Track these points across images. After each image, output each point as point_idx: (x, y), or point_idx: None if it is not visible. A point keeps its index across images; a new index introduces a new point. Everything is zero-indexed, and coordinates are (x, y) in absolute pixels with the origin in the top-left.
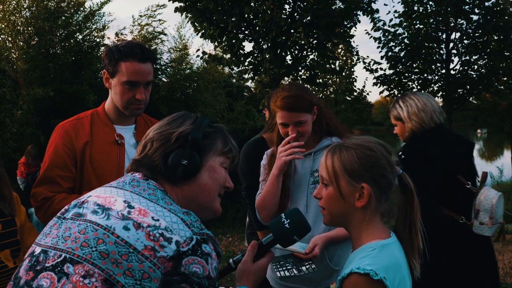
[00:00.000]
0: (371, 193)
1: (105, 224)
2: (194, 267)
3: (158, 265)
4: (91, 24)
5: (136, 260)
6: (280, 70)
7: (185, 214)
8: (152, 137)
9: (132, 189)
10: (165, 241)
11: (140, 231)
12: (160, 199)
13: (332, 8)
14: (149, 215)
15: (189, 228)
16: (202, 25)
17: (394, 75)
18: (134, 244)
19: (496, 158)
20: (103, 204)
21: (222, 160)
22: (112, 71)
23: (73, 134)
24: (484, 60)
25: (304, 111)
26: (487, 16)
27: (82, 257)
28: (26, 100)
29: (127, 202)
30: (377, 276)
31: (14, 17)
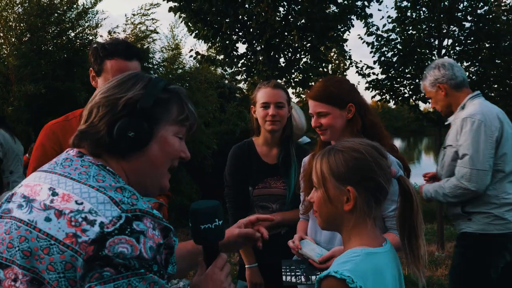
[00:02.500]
0: (357, 196)
1: (27, 219)
2: (120, 247)
3: (80, 252)
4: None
5: (58, 252)
6: (273, 72)
7: (118, 191)
8: (99, 101)
9: (62, 169)
10: (87, 225)
11: (62, 219)
12: (92, 176)
13: (326, 12)
14: (72, 199)
15: (118, 206)
16: (196, 26)
17: (386, 80)
18: (55, 235)
19: None
20: (29, 196)
21: (177, 129)
22: (98, 69)
23: (61, 135)
24: (476, 67)
25: (327, 103)
26: (479, 23)
27: (9, 260)
28: (17, 96)
29: (52, 189)
30: (353, 284)
31: (6, 13)
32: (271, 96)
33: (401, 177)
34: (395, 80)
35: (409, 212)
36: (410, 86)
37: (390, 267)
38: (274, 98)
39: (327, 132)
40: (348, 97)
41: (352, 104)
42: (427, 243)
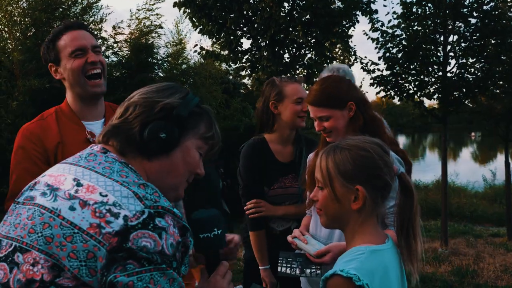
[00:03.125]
0: (366, 195)
1: (51, 207)
2: (143, 241)
3: (103, 242)
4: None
5: (81, 240)
6: (278, 68)
7: (141, 187)
8: (137, 101)
9: (87, 163)
10: (111, 217)
11: (86, 209)
12: (116, 172)
13: (331, 8)
14: (97, 191)
15: (141, 201)
16: (200, 21)
17: (391, 76)
18: (79, 224)
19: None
20: (53, 185)
21: (200, 144)
22: (55, 56)
23: (42, 135)
24: (481, 63)
25: (327, 107)
26: (485, 19)
27: (30, 245)
28: (21, 91)
29: (76, 179)
30: (359, 281)
31: (11, 7)
32: (303, 92)
33: (402, 174)
34: (400, 76)
35: (408, 209)
36: (415, 83)
37: (394, 264)
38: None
39: (332, 135)
40: (347, 96)
41: (352, 102)
42: (431, 239)
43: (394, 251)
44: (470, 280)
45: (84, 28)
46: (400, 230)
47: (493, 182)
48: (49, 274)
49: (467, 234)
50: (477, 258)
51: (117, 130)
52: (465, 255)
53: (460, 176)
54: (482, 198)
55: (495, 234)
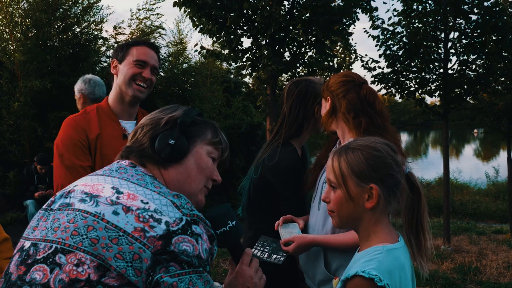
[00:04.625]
0: (380, 193)
1: (94, 211)
2: (184, 246)
3: (148, 245)
4: (89, 17)
5: (126, 243)
6: (278, 66)
7: (175, 197)
8: (143, 122)
9: (120, 175)
10: (154, 222)
11: (130, 214)
12: (149, 183)
13: (331, 5)
14: (138, 198)
15: (179, 209)
16: (200, 20)
17: (392, 74)
18: (124, 227)
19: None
20: (91, 192)
21: (210, 149)
22: (122, 56)
23: (86, 126)
24: (482, 60)
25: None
26: (486, 16)
27: (73, 246)
28: (23, 92)
29: (115, 188)
30: (381, 282)
31: (12, 8)
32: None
33: (409, 173)
34: (401, 74)
35: (417, 207)
36: (416, 80)
37: (408, 260)
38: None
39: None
40: (328, 90)
41: (328, 97)
42: (433, 236)
43: (406, 249)
44: (473, 277)
45: (157, 51)
46: (410, 227)
47: (496, 179)
48: (96, 274)
49: (469, 231)
50: (480, 255)
51: (130, 149)
52: (468, 252)
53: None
54: (485, 195)
55: (498, 231)
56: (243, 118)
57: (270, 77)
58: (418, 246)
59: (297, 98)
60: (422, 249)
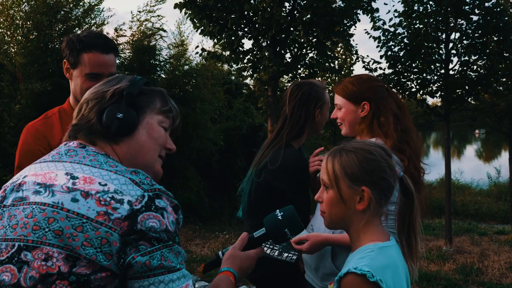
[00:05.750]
0: (371, 196)
1: (52, 202)
2: (150, 222)
3: (114, 228)
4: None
5: (92, 229)
6: (279, 68)
7: (133, 174)
8: (87, 97)
9: (71, 159)
10: (117, 203)
11: (90, 199)
12: (104, 163)
13: (332, 7)
14: (95, 181)
15: (139, 186)
16: (201, 22)
17: (393, 75)
18: (86, 214)
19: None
20: (44, 182)
21: (161, 118)
22: (74, 62)
23: (47, 133)
24: (484, 60)
25: (342, 96)
26: (487, 16)
27: (37, 241)
28: (24, 94)
29: (69, 173)
30: (373, 278)
31: (13, 11)
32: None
33: (403, 177)
34: (402, 75)
35: (409, 211)
36: (417, 81)
37: (400, 258)
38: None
39: (342, 127)
40: (365, 95)
41: (366, 103)
42: (435, 237)
43: (398, 247)
44: (475, 278)
45: (113, 50)
46: (402, 230)
47: (498, 180)
48: (65, 265)
49: (471, 232)
50: (482, 256)
51: (77, 127)
52: (470, 253)
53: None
54: (486, 196)
55: (499, 231)
56: (244, 120)
57: (271, 79)
58: (409, 249)
59: (300, 101)
60: (413, 252)
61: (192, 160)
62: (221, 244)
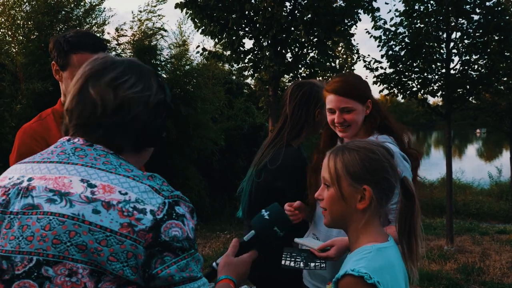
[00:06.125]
0: (372, 195)
1: (71, 213)
2: (173, 231)
3: (139, 240)
4: (91, 19)
5: (117, 242)
6: (280, 67)
7: (150, 179)
8: (130, 96)
9: (82, 160)
10: (140, 213)
11: (112, 210)
12: (117, 166)
13: (333, 6)
14: (115, 190)
15: (159, 193)
16: (202, 22)
17: (394, 74)
18: (110, 226)
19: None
20: (57, 189)
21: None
22: (63, 63)
23: (45, 134)
24: (485, 60)
25: (353, 98)
26: (488, 16)
27: (59, 256)
28: (25, 94)
29: (85, 180)
30: (371, 279)
31: (14, 11)
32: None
33: (404, 178)
34: (403, 74)
35: (410, 212)
36: (418, 80)
37: (399, 259)
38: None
39: (349, 129)
40: (367, 93)
41: (370, 101)
42: (436, 237)
43: (396, 248)
44: (476, 278)
45: (102, 50)
46: (402, 232)
47: (499, 179)
48: (91, 281)
49: (472, 231)
50: (483, 256)
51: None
52: (471, 253)
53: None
54: (488, 195)
55: (501, 231)
56: (245, 119)
57: (272, 78)
58: (409, 250)
59: (300, 101)
60: (413, 254)
61: (193, 160)
62: (222, 244)
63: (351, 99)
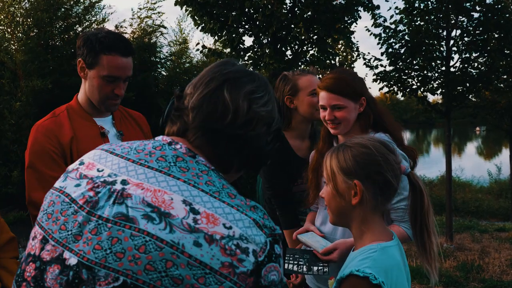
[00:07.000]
0: (363, 189)
1: (170, 240)
2: (272, 275)
3: (239, 283)
4: (91, 16)
5: (215, 282)
6: (280, 65)
7: (253, 210)
8: (261, 114)
9: (183, 175)
10: (242, 254)
11: (214, 246)
12: (221, 189)
13: (333, 4)
14: (219, 221)
15: (262, 230)
16: (202, 19)
17: (394, 72)
18: (210, 263)
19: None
20: (156, 205)
21: None
22: (91, 62)
23: (57, 131)
24: (484, 57)
25: (344, 96)
26: (488, 13)
27: (149, 284)
28: (24, 91)
29: (187, 203)
30: (376, 280)
31: (13, 8)
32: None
33: (411, 173)
34: (403, 72)
35: (419, 208)
36: (418, 78)
37: (402, 259)
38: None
39: (339, 126)
40: (361, 90)
41: (364, 98)
42: None
43: (399, 247)
44: (476, 275)
45: (132, 53)
46: (414, 229)
47: (498, 177)
48: None
49: (472, 229)
50: (483, 253)
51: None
52: (470, 250)
53: (465, 171)
54: (487, 193)
55: (500, 228)
56: None
57: (272, 76)
58: (423, 249)
59: (276, 93)
60: (428, 253)
61: None
62: None
63: (342, 97)
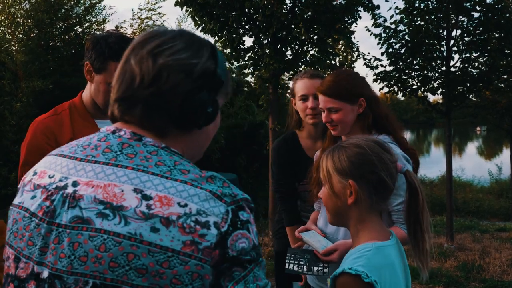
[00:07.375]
0: (357, 189)
1: (127, 233)
2: (240, 243)
3: (205, 259)
4: (91, 17)
5: (180, 263)
6: (280, 65)
7: (210, 181)
8: (169, 64)
9: (131, 162)
10: (203, 228)
11: (172, 227)
12: (172, 167)
13: (333, 4)
14: (173, 201)
15: (221, 200)
16: (202, 19)
17: (394, 72)
18: (171, 246)
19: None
20: (108, 201)
21: (222, 101)
22: (99, 67)
23: (56, 130)
24: (485, 57)
25: (339, 99)
26: (488, 13)
27: (117, 280)
28: (25, 92)
29: (138, 190)
30: (368, 278)
31: (14, 9)
32: (309, 87)
33: (407, 171)
34: (403, 72)
35: (414, 207)
36: (418, 78)
37: (399, 258)
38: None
39: (337, 128)
40: (360, 91)
41: (363, 99)
42: (436, 235)
43: (398, 247)
44: (476, 275)
45: None
46: (408, 227)
47: (499, 177)
48: None
49: (473, 229)
50: (483, 253)
51: (154, 106)
52: (471, 250)
53: (466, 171)
54: (488, 193)
55: (501, 228)
56: (245, 117)
57: (272, 76)
58: (416, 247)
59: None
60: (421, 251)
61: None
62: None
63: (337, 100)
